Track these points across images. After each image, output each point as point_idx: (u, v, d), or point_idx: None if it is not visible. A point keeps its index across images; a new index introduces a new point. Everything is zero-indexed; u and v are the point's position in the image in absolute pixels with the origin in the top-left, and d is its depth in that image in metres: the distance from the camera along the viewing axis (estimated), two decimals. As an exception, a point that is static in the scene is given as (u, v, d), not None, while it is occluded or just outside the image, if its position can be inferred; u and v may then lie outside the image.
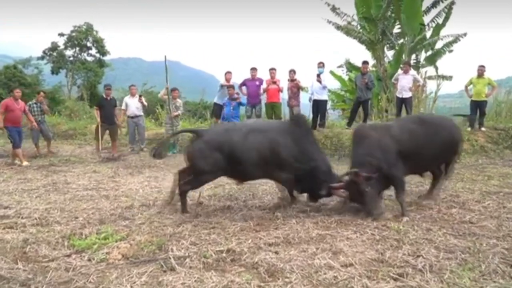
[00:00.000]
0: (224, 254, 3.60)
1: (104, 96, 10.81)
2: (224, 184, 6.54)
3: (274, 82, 11.22)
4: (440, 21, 14.53)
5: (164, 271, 3.30)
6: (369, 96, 10.93)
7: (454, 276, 3.08)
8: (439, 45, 14.67)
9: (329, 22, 15.90)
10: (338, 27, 15.88)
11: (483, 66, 10.87)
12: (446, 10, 14.34)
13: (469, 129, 10.48)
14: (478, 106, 10.66)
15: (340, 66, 18.97)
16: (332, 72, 17.54)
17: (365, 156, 4.66)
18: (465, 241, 3.83)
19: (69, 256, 3.63)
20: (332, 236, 4.06)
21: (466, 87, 10.93)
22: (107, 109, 10.56)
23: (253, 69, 11.28)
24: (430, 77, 14.83)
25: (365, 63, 11.04)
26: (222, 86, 11.14)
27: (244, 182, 5.50)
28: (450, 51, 14.34)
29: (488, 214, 4.71)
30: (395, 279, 3.06)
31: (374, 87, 11.30)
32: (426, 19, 14.93)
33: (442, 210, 4.95)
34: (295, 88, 11.17)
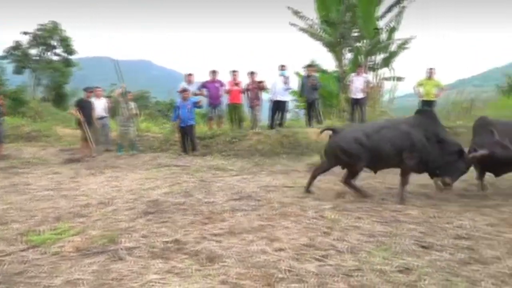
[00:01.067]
0: (170, 244, 3.94)
1: (85, 97, 10.95)
2: (181, 182, 6.87)
3: (237, 84, 11.62)
4: (394, 25, 15.30)
5: (114, 261, 3.61)
6: (316, 96, 11.49)
7: (369, 255, 3.53)
8: (393, 47, 15.44)
9: (292, 25, 16.47)
10: (302, 30, 16.47)
11: (432, 69, 11.66)
12: (399, 14, 15.14)
13: None
14: (428, 106, 11.37)
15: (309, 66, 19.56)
16: (297, 73, 18.10)
17: None
18: (388, 227, 4.32)
19: (24, 250, 3.88)
20: (272, 226, 4.46)
21: (414, 88, 11.64)
22: (86, 110, 10.66)
23: (213, 72, 11.62)
24: (386, 78, 15.59)
25: (310, 66, 11.67)
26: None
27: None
28: (404, 49, 15.15)
29: (414, 204, 5.23)
30: (319, 260, 3.49)
31: (320, 87, 11.87)
32: (383, 23, 15.69)
33: (377, 200, 5.45)
34: (257, 89, 11.58)
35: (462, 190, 5.95)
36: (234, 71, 11.73)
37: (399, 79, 15.32)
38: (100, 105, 11.16)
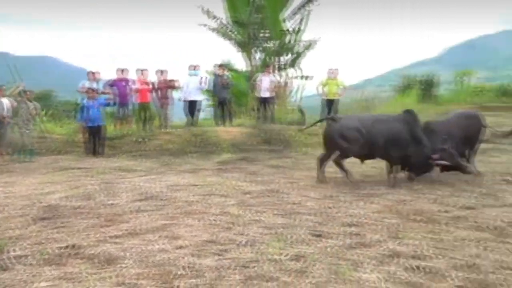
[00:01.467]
0: (65, 250, 3.77)
1: None
2: (82, 185, 6.55)
3: (146, 83, 11.34)
4: (300, 26, 16.00)
5: (4, 270, 3.37)
6: (227, 95, 11.68)
7: (266, 247, 3.71)
8: (300, 48, 16.16)
9: (202, 24, 16.48)
10: (213, 29, 16.56)
11: (335, 69, 12.42)
12: (303, 16, 15.88)
13: (320, 124, 11.86)
14: (330, 104, 12.11)
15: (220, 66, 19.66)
16: (210, 73, 18.13)
17: None
18: (287, 219, 4.55)
19: None
20: (176, 224, 4.47)
21: (317, 87, 12.31)
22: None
23: (121, 70, 11.22)
24: (296, 77, 16.29)
25: (221, 65, 11.85)
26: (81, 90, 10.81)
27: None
28: (310, 49, 15.95)
29: (313, 197, 5.56)
30: (218, 255, 3.58)
31: (232, 87, 12.10)
32: (290, 24, 16.33)
33: (280, 195, 5.70)
34: (167, 88, 11.41)
35: (355, 181, 6.41)
36: (142, 70, 11.43)
37: (306, 78, 16.04)
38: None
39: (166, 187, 6.34)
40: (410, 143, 6.24)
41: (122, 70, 11.27)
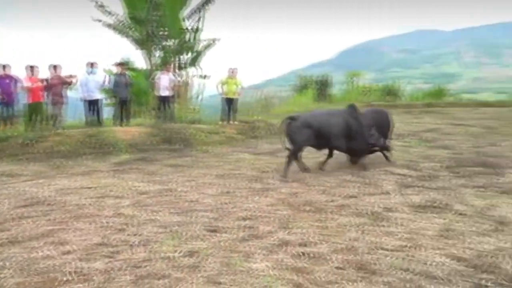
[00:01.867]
0: None
1: None
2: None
3: (39, 81, 10.47)
4: (198, 25, 16.00)
5: None
6: (128, 94, 11.31)
7: (160, 245, 3.68)
8: (200, 47, 16.18)
9: (97, 20, 15.66)
10: (109, 26, 15.81)
11: (234, 68, 12.66)
12: (201, 15, 15.92)
13: (220, 122, 12.09)
14: (230, 103, 12.35)
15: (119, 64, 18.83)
16: (108, 71, 17.28)
17: None
18: (183, 217, 4.56)
19: None
20: (64, 229, 4.23)
21: (217, 86, 12.46)
22: None
23: (3, 66, 10.20)
24: (201, 76, 16.26)
25: (121, 64, 11.42)
26: None
27: None
28: (206, 51, 16.04)
29: (210, 194, 5.63)
30: (108, 257, 3.47)
31: (132, 86, 11.75)
32: (190, 23, 16.24)
33: (177, 193, 5.67)
34: (61, 85, 10.64)
35: (252, 177, 6.62)
36: (32, 66, 10.51)
37: (205, 77, 16.11)
38: None
39: (55, 191, 5.94)
40: (357, 132, 7.19)
41: (4, 66, 10.26)
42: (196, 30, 15.83)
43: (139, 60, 17.30)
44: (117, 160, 8.49)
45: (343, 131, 7.12)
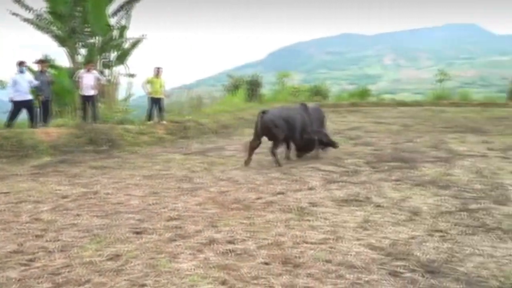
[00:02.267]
0: None
1: None
2: None
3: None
4: (125, 23, 15.50)
5: None
6: (50, 94, 10.67)
7: (81, 250, 3.52)
8: (126, 45, 15.66)
9: (15, 14, 14.57)
10: (27, 21, 14.76)
11: (160, 68, 12.44)
12: (128, 13, 15.43)
13: (148, 122, 11.83)
14: (156, 102, 12.16)
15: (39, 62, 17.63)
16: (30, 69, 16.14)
17: None
18: (107, 220, 4.39)
19: None
20: (-27, 239, 3.89)
21: (143, 85, 12.19)
22: None
23: None
24: (122, 75, 15.69)
25: (43, 61, 10.74)
26: None
27: None
28: (133, 50, 15.58)
29: (137, 195, 5.48)
30: (24, 265, 3.25)
31: (53, 84, 11.11)
32: (116, 20, 15.65)
33: (101, 196, 5.44)
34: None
35: (181, 177, 6.54)
36: None
37: (132, 76, 15.66)
38: None
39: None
40: (308, 127, 8.06)
41: None
42: (123, 28, 15.30)
43: (63, 57, 16.43)
44: (37, 163, 7.98)
45: (302, 125, 7.91)
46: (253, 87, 25.37)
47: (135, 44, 15.59)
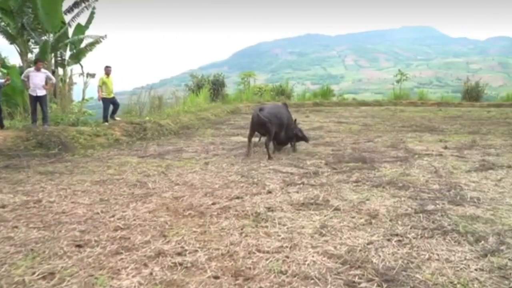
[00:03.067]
0: None
1: None
2: None
3: None
4: (81, 21, 14.88)
5: None
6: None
7: (11, 267, 3.17)
8: (83, 44, 15.01)
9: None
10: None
11: (109, 67, 12.05)
12: (86, 11, 14.82)
13: (106, 123, 11.36)
14: (109, 102, 11.81)
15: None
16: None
17: None
18: (46, 231, 4.02)
19: None
20: None
21: (99, 86, 11.71)
22: None
23: None
24: (78, 75, 15.05)
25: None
26: None
27: None
28: (91, 49, 14.92)
29: (84, 203, 5.11)
30: None
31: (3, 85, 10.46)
32: (68, 18, 14.99)
33: (44, 204, 5.04)
34: None
35: (134, 182, 6.21)
36: None
37: (89, 76, 15.02)
38: None
39: None
40: (290, 124, 8.94)
41: None
42: (80, 26, 14.66)
43: (15, 55, 15.53)
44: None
45: (287, 122, 8.78)
46: (216, 87, 25.08)
47: (93, 43, 14.96)
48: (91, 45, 14.86)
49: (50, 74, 10.75)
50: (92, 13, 15.19)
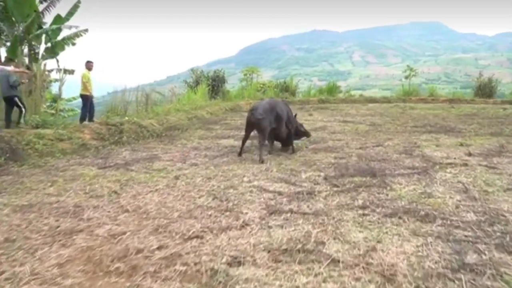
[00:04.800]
0: None
1: None
2: None
3: None
4: (61, 13, 13.42)
5: None
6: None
7: None
8: (60, 37, 13.56)
9: None
10: None
11: (91, 62, 10.81)
12: (70, 2, 13.38)
13: (87, 123, 10.19)
14: (86, 100, 10.55)
15: None
16: None
17: None
18: None
19: None
20: None
21: (87, 84, 10.54)
22: None
23: None
24: (51, 70, 13.61)
25: None
26: None
27: None
28: (74, 44, 13.45)
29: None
30: None
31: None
32: (44, 7, 13.55)
33: None
34: None
35: (67, 209, 4.73)
36: None
37: (68, 71, 13.60)
38: None
39: None
40: (291, 121, 8.39)
41: None
42: (60, 18, 13.19)
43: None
44: None
45: (285, 116, 8.15)
46: (216, 83, 23.54)
47: (72, 37, 13.47)
48: (70, 38, 13.37)
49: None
50: (76, 6, 13.75)
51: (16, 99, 9.54)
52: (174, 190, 5.45)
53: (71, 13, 13.90)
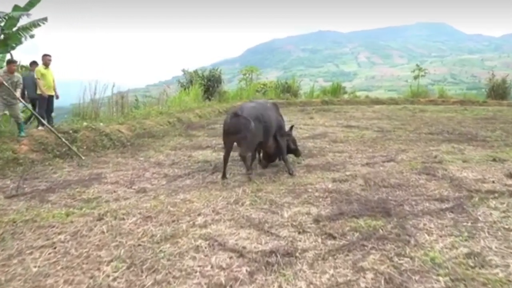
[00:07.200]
0: None
1: None
2: None
3: None
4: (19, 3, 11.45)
5: None
6: None
7: None
8: (15, 28, 11.62)
9: None
10: None
11: (48, 55, 9.11)
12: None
13: (40, 128, 8.50)
14: (49, 102, 9.05)
15: None
16: None
17: None
18: None
19: None
20: None
21: (37, 80, 8.87)
22: None
23: None
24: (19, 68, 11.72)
25: None
26: None
27: None
28: (32, 36, 11.50)
29: None
30: None
31: None
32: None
33: None
34: None
35: None
36: None
37: (24, 68, 11.71)
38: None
39: None
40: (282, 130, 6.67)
41: None
42: (18, 8, 11.23)
43: None
44: None
45: (275, 125, 6.45)
46: (212, 83, 21.54)
47: (28, 27, 11.53)
48: (26, 29, 11.43)
49: None
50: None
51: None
52: (80, 245, 3.52)
53: (31, 3, 11.92)
